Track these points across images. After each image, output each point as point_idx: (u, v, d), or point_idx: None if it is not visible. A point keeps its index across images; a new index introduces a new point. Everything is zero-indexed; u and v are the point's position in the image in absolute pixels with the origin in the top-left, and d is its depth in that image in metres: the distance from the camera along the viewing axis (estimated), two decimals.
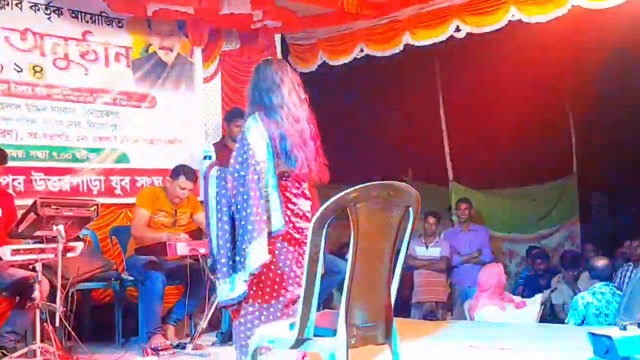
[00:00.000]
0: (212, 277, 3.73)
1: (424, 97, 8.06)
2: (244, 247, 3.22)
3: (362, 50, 6.61)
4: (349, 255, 2.59)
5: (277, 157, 3.41)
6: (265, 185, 3.36)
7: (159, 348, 4.72)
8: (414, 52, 6.50)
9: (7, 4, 5.25)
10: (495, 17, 5.77)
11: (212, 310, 4.95)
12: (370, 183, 2.58)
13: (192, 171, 5.23)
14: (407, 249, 2.75)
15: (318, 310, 2.60)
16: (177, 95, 6.20)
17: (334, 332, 2.56)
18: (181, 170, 5.14)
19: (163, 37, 6.09)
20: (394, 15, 6.21)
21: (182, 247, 4.80)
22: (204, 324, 4.91)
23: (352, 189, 2.55)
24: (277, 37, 6.97)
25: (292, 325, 2.68)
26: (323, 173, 6.63)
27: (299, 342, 2.57)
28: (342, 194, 2.55)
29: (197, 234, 5.46)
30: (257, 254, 3.21)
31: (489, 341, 4.82)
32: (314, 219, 2.56)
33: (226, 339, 5.20)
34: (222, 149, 6.26)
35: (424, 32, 6.18)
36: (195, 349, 4.84)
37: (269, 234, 3.31)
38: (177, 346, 4.89)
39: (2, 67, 5.20)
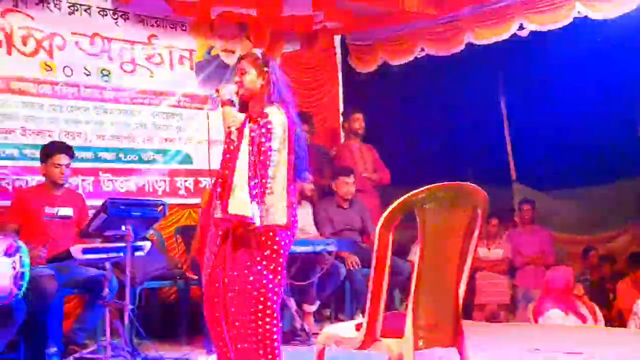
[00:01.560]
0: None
1: (486, 96, 7.95)
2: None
3: (422, 50, 6.57)
4: (416, 257, 2.58)
5: (295, 157, 3.29)
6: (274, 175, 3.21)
7: None
8: (476, 51, 6.42)
9: (77, 10, 5.42)
10: (560, 15, 5.67)
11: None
12: (438, 184, 2.56)
13: None
14: (475, 250, 2.72)
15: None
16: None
17: (400, 334, 2.56)
18: None
19: (225, 40, 6.19)
20: (456, 15, 6.16)
21: None
22: None
23: (419, 189, 2.53)
24: (337, 38, 7.00)
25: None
26: (384, 174, 6.69)
27: (366, 343, 2.58)
28: (409, 194, 2.53)
29: None
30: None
31: (554, 345, 4.73)
32: (381, 220, 2.55)
33: (288, 337, 5.26)
34: None
35: (486, 30, 6.11)
36: None
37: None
38: None
39: (72, 71, 5.36)
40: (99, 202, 4.46)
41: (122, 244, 4.12)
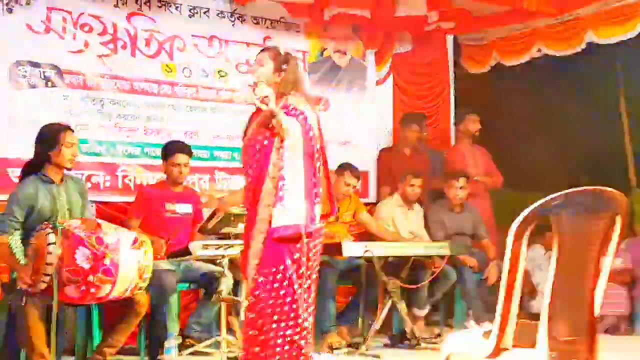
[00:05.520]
0: None
1: (605, 97, 7.60)
2: None
3: (539, 50, 6.36)
4: (550, 266, 2.47)
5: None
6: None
7: (334, 346, 4.80)
8: (597, 50, 6.15)
9: (197, 13, 5.56)
10: None
11: (385, 311, 4.97)
12: (575, 189, 2.45)
13: (356, 169, 5.37)
14: (613, 260, 2.58)
15: None
16: (350, 97, 6.29)
17: (532, 345, 2.46)
18: (346, 167, 5.29)
19: (338, 41, 6.20)
20: (577, 13, 5.91)
21: (355, 248, 4.85)
22: (376, 324, 4.93)
23: (554, 195, 2.43)
24: (449, 38, 6.88)
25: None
26: (496, 178, 6.52)
27: (496, 352, 2.49)
28: (543, 200, 2.43)
29: (365, 234, 5.55)
30: None
31: None
32: (513, 227, 2.45)
33: (397, 340, 5.21)
34: (398, 155, 6.26)
35: (609, 29, 5.84)
36: (368, 350, 4.87)
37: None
38: (351, 346, 4.95)
39: (190, 72, 5.51)
40: None
41: (239, 242, 4.19)
